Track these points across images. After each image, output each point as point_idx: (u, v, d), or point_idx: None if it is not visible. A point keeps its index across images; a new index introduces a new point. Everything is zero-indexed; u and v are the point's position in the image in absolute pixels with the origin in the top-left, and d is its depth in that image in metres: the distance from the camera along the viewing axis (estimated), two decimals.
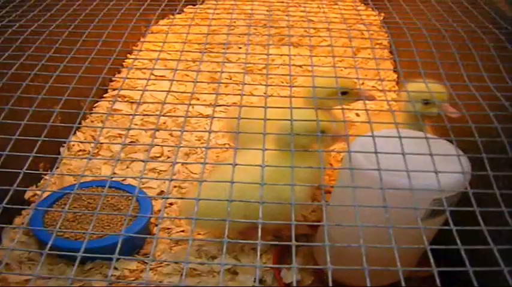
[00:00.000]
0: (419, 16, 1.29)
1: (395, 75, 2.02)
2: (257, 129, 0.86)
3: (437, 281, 0.58)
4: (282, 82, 1.94)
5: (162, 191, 1.44)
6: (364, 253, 0.60)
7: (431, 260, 0.61)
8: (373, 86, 1.92)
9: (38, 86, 1.00)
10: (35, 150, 0.83)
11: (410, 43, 1.13)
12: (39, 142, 0.84)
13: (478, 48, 1.08)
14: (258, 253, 0.61)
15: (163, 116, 1.72)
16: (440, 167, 0.77)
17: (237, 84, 1.71)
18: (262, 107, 0.87)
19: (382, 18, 2.41)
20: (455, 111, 1.07)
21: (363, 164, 0.91)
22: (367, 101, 1.01)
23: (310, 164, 0.80)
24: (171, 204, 1.40)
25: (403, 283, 0.58)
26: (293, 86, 0.96)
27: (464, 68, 1.01)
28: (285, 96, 0.99)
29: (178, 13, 2.38)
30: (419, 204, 0.87)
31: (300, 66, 1.90)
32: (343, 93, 1.26)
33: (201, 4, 2.45)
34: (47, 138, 0.86)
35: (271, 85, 1.84)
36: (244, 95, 1.14)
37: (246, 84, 1.90)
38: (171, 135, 1.65)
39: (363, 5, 2.59)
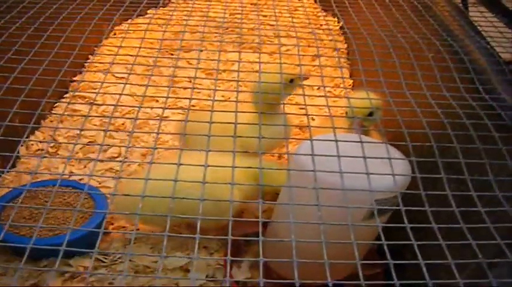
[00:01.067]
0: (367, 26, 1.35)
1: (351, 81, 2.09)
2: (206, 132, 0.91)
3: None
4: (241, 86, 1.98)
5: None
6: (293, 247, 0.65)
7: (357, 257, 0.66)
8: (329, 91, 1.99)
9: None
10: None
11: (361, 51, 1.20)
12: None
13: (419, 58, 1.15)
14: (196, 247, 0.65)
15: (120, 118, 1.76)
16: (381, 170, 0.83)
17: (195, 88, 1.75)
18: (209, 111, 0.92)
19: (340, 25, 2.49)
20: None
21: (307, 166, 0.95)
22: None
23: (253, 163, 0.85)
24: None
25: (328, 275, 0.63)
26: (239, 91, 1.01)
27: (403, 77, 1.07)
28: (234, 101, 1.04)
29: (141, 15, 2.41)
30: (362, 204, 0.93)
31: (257, 71, 1.94)
32: (291, 81, 1.35)
33: (163, 7, 2.49)
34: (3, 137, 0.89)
35: (219, 90, 1.87)
36: (194, 99, 1.18)
37: (193, 88, 1.94)
38: (129, 136, 1.68)
39: (323, 11, 2.66)
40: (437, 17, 1.39)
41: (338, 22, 2.51)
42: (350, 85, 2.05)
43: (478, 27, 1.35)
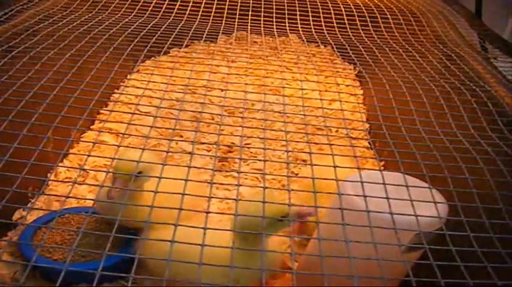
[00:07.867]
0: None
1: (367, 125, 2.17)
2: None
3: None
4: (262, 125, 2.05)
5: None
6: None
7: None
8: (346, 134, 2.06)
9: (30, 113, 1.10)
10: (24, 172, 0.94)
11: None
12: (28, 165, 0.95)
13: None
14: None
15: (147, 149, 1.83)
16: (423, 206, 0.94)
17: (218, 125, 1.83)
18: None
19: (357, 71, 2.58)
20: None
21: (358, 203, 1.00)
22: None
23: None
24: None
25: None
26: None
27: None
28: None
29: (164, 54, 2.51)
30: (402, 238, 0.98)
31: (279, 112, 2.00)
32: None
33: (186, 47, 2.58)
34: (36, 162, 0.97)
35: (250, 127, 1.94)
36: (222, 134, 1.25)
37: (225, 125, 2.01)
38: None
39: (339, 58, 2.75)
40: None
41: (355, 69, 2.61)
42: (367, 128, 2.13)
43: None
